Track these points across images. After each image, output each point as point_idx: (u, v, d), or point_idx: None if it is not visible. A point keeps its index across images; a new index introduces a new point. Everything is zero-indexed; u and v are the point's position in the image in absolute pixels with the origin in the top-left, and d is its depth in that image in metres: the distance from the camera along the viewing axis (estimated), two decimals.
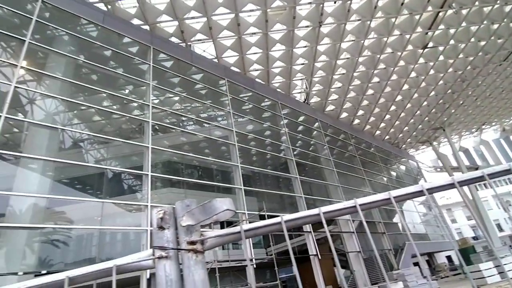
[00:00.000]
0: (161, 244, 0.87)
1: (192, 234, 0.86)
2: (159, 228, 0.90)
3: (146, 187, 11.76)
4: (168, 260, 0.84)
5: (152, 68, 14.99)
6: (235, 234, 0.86)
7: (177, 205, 0.92)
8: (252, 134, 18.92)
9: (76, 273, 0.89)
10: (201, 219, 0.85)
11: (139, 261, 0.88)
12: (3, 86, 10.88)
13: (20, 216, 9.45)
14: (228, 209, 0.83)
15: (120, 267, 0.88)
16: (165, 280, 0.82)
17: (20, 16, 12.46)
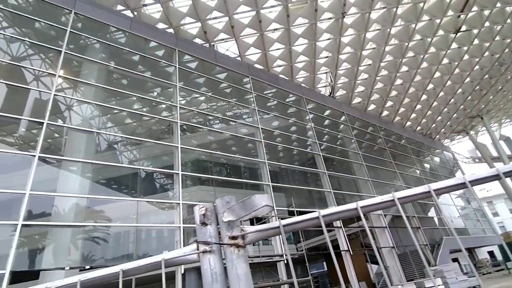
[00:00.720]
0: (204, 239, 0.91)
1: (233, 229, 0.90)
2: (202, 224, 0.94)
3: (177, 186, 12.15)
4: (212, 254, 0.89)
5: (178, 70, 15.39)
6: (274, 229, 0.90)
7: (217, 202, 0.96)
8: (278, 131, 18.89)
9: (129, 266, 0.96)
10: (241, 214, 0.89)
11: (185, 255, 0.94)
12: (44, 95, 11.67)
13: (64, 215, 10.13)
14: (266, 205, 0.85)
15: (168, 261, 0.93)
16: (210, 273, 0.87)
17: (55, 28, 13.26)
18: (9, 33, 12.50)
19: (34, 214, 9.67)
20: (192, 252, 0.92)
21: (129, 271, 0.95)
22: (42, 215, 9.93)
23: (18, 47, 12.60)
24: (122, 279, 0.94)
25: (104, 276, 0.95)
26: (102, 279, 0.97)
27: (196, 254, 0.91)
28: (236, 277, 0.84)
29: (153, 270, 0.98)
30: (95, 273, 0.97)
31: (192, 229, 12.45)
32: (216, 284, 0.85)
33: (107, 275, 0.95)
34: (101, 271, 0.97)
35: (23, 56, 12.77)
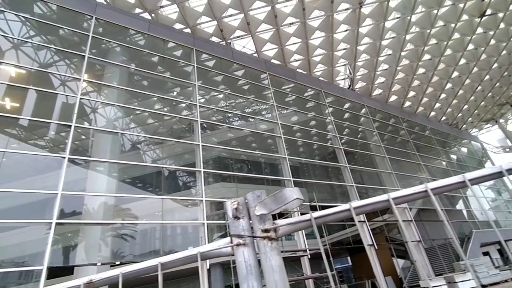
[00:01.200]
0: (237, 232, 0.94)
1: (265, 223, 0.92)
2: (235, 218, 0.97)
3: (200, 183, 12.37)
4: (246, 247, 0.91)
5: (196, 69, 15.59)
6: (305, 222, 0.91)
7: (248, 196, 0.98)
8: (297, 125, 18.78)
9: (167, 259, 1.00)
10: (273, 208, 0.91)
11: (219, 248, 0.96)
12: (70, 99, 12.17)
13: (93, 214, 10.57)
14: (297, 198, 0.87)
15: (204, 254, 0.97)
16: (245, 265, 0.89)
17: (78, 34, 13.77)
18: (36, 41, 13.11)
19: (66, 213, 10.15)
20: (226, 245, 0.95)
21: (167, 264, 0.98)
22: (73, 213, 10.41)
23: (45, 54, 13.19)
24: (157, 272, 0.99)
25: (144, 269, 1.00)
26: (141, 272, 1.01)
27: (230, 247, 0.94)
28: (270, 268, 0.85)
29: (189, 263, 1.01)
30: (136, 266, 1.01)
31: (215, 225, 12.68)
32: (251, 275, 0.87)
33: (146, 267, 0.99)
34: (141, 264, 1.01)
35: (50, 63, 13.37)
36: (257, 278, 0.86)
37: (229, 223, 0.97)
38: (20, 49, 12.60)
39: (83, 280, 1.04)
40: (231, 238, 0.95)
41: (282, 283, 0.84)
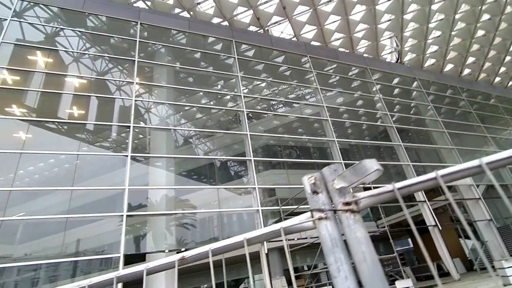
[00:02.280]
0: (318, 206, 0.93)
1: (345, 196, 0.91)
2: (313, 193, 0.96)
3: (251, 171, 12.63)
4: (328, 220, 0.91)
5: (237, 60, 15.77)
6: (387, 193, 0.88)
7: (324, 171, 0.97)
8: (343, 107, 18.14)
9: (252, 235, 1.04)
10: (353, 180, 0.89)
11: (301, 223, 0.98)
12: (126, 102, 13.12)
13: (157, 206, 11.40)
14: (378, 169, 0.85)
15: (286, 229, 0.99)
16: (329, 238, 0.89)
17: (127, 41, 14.70)
18: (92, 52, 14.29)
19: (133, 206, 11.08)
20: (308, 220, 0.95)
21: (252, 239, 1.04)
22: (140, 206, 11.32)
23: (100, 63, 14.34)
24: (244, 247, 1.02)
25: (230, 245, 1.06)
26: (229, 248, 1.07)
27: (312, 222, 0.94)
28: (356, 241, 0.85)
29: (272, 238, 1.05)
30: (223, 242, 1.07)
31: (269, 212, 12.89)
32: (336, 248, 0.87)
33: (233, 243, 1.05)
34: (228, 240, 1.06)
35: (106, 71, 14.50)
36: (343, 250, 0.86)
37: (308, 198, 0.97)
38: (80, 61, 13.85)
39: (176, 256, 1.10)
40: (311, 212, 0.94)
41: (370, 254, 0.83)
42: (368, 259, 0.83)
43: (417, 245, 21.86)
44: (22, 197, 10.14)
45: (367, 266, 0.82)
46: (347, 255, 0.87)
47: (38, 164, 11.52)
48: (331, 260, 0.87)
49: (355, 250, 0.85)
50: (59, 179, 10.85)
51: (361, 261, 0.83)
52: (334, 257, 0.87)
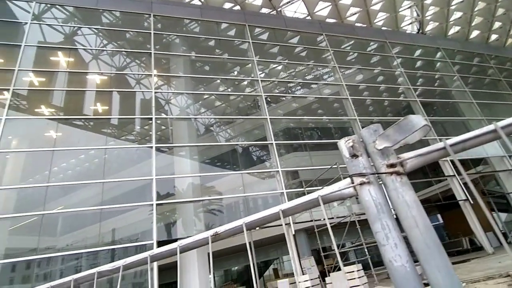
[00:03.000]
0: (358, 171, 0.87)
1: (389, 157, 0.84)
2: (352, 157, 0.89)
3: (273, 155, 12.66)
4: (371, 185, 0.84)
5: (252, 45, 15.58)
6: (438, 151, 0.80)
7: (363, 133, 0.91)
8: (363, 84, 17.62)
9: (288, 205, 0.99)
10: (398, 139, 0.81)
11: (340, 190, 0.91)
12: (147, 95, 13.36)
13: (184, 193, 11.72)
14: (426, 124, 0.77)
15: (325, 197, 0.93)
16: (374, 204, 0.82)
17: (141, 34, 14.83)
18: (109, 48, 14.56)
19: (162, 195, 11.45)
20: (348, 186, 0.88)
21: (287, 210, 0.99)
22: (168, 195, 11.68)
23: (118, 59, 14.61)
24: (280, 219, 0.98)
25: (265, 217, 1.02)
26: (263, 221, 1.03)
27: (352, 188, 0.87)
28: (405, 205, 0.78)
29: (310, 208, 0.99)
30: (258, 215, 1.03)
31: (294, 194, 12.94)
32: (382, 214, 0.80)
33: (268, 215, 1.01)
34: (263, 212, 1.03)
35: (124, 66, 14.77)
36: (390, 216, 0.81)
37: (347, 163, 0.90)
38: (99, 58, 14.17)
39: (209, 232, 1.08)
40: (351, 178, 0.88)
41: (421, 218, 0.76)
42: (420, 224, 0.76)
43: (447, 220, 21.36)
44: (59, 192, 10.72)
45: (419, 232, 0.75)
46: (395, 220, 0.81)
47: (70, 160, 12.07)
48: (377, 227, 0.80)
49: (404, 215, 0.78)
50: (91, 173, 11.33)
51: (412, 227, 0.76)
52: (380, 224, 0.80)
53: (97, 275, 1.23)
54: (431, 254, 0.73)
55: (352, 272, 9.17)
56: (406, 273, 0.75)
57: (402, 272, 0.76)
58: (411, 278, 0.75)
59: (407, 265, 0.76)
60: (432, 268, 0.73)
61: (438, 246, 0.74)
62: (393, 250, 0.78)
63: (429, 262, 0.73)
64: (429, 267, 0.73)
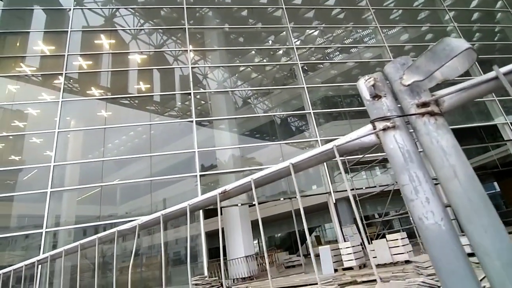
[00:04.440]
0: (381, 114, 0.72)
1: (420, 95, 0.69)
2: (374, 98, 0.75)
3: (312, 124, 12.49)
4: (397, 130, 0.70)
5: (285, 11, 14.97)
6: (488, 83, 0.63)
7: (388, 68, 0.74)
8: (409, 44, 16.26)
9: (299, 159, 0.90)
10: (431, 69, 0.63)
11: (358, 138, 0.78)
12: (185, 71, 13.67)
13: (226, 165, 12.15)
14: (468, 47, 0.59)
15: (341, 147, 0.82)
16: (400, 152, 0.68)
17: (175, 10, 14.92)
18: (146, 27, 14.93)
19: (205, 167, 11.99)
20: (369, 133, 0.75)
21: (300, 164, 0.90)
22: (211, 167, 12.21)
23: (156, 37, 14.96)
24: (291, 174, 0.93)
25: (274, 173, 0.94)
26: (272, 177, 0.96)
27: (374, 135, 0.74)
28: (441, 151, 0.63)
29: (325, 161, 0.89)
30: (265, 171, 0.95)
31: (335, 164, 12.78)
32: (411, 164, 0.66)
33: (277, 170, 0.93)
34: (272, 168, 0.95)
35: (161, 44, 15.13)
36: (421, 165, 0.66)
37: (368, 106, 0.76)
38: (138, 38, 14.64)
39: (218, 190, 1.01)
40: (373, 124, 0.74)
41: (462, 167, 0.61)
42: (460, 174, 0.61)
43: (505, 188, 19.79)
44: (114, 166, 11.74)
45: (459, 183, 0.61)
46: (426, 171, 0.67)
47: (122, 137, 13.02)
48: (404, 179, 0.67)
49: (440, 164, 0.64)
50: (140, 148, 12.15)
51: (449, 178, 0.62)
52: (408, 175, 0.66)
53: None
54: (475, 210, 0.59)
55: (395, 240, 9.05)
56: (441, 232, 0.61)
57: (435, 232, 0.62)
58: (447, 238, 0.60)
59: (441, 223, 0.62)
60: (476, 229, 0.59)
61: (484, 200, 0.59)
62: (423, 206, 0.65)
63: (473, 220, 0.59)
64: (472, 227, 0.59)
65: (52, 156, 11.11)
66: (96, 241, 1.38)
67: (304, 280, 8.40)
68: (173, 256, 11.95)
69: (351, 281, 7.45)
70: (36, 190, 10.84)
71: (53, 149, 11.23)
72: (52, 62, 13.12)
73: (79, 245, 1.42)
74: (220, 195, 1.00)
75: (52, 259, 1.56)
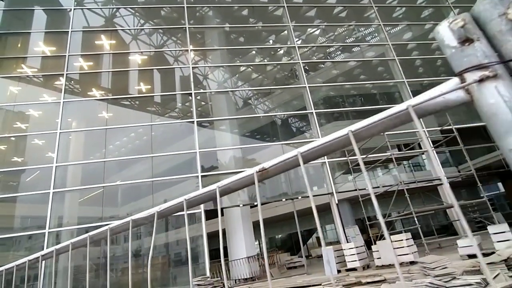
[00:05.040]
0: (475, 63, 0.55)
1: None
2: (464, 42, 0.57)
3: (313, 124, 12.40)
4: (499, 80, 0.53)
5: (287, 9, 14.84)
6: None
7: (480, 6, 0.56)
8: (412, 42, 16.07)
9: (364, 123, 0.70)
10: None
11: (441, 94, 0.59)
12: (185, 71, 13.60)
13: (227, 166, 12.09)
14: None
15: (418, 107, 0.62)
16: (506, 106, 0.51)
17: (176, 9, 14.84)
18: (147, 27, 14.87)
19: (206, 167, 11.94)
20: (457, 87, 0.56)
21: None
22: (211, 168, 12.15)
23: (156, 38, 14.90)
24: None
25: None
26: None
27: (462, 90, 0.55)
28: None
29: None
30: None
31: (336, 164, 12.69)
32: None
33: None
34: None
35: (161, 44, 15.06)
36: None
37: (453, 55, 0.56)
38: (138, 39, 14.58)
39: (255, 168, 0.86)
40: (461, 76, 0.56)
41: None
42: None
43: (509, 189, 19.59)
44: (115, 167, 11.71)
45: None
46: None
47: (123, 138, 13.01)
48: (508, 143, 0.51)
49: None
50: (142, 149, 12.11)
51: None
52: None
53: (132, 223, 1.19)
54: None
55: (400, 241, 8.97)
56: None
57: None
58: None
59: None
60: None
61: None
62: None
63: None
64: None
65: (54, 157, 11.10)
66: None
67: (307, 281, 8.35)
68: (174, 257, 11.94)
69: (356, 282, 7.38)
70: (38, 191, 10.86)
71: (55, 150, 11.23)
72: (53, 63, 13.10)
73: (88, 237, 1.35)
74: (257, 173, 0.83)
75: (58, 253, 1.50)
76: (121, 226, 1.30)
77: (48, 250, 1.47)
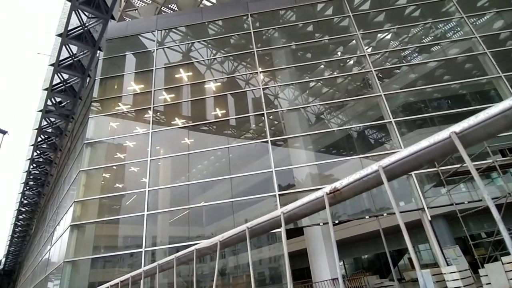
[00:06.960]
0: None
1: None
2: None
3: (394, 134, 11.54)
4: None
5: (353, 18, 14.43)
6: None
7: None
8: (505, 31, 13.99)
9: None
10: None
11: None
12: (256, 93, 14.10)
13: (303, 183, 11.94)
14: None
15: None
16: None
17: (243, 36, 15.65)
18: (218, 56, 15.97)
19: (283, 186, 11.97)
20: None
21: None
22: (288, 186, 12.14)
23: (227, 64, 15.89)
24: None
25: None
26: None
27: None
28: None
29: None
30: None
31: (424, 175, 11.50)
32: None
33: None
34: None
35: (233, 70, 15.98)
36: None
37: None
38: (212, 68, 15.74)
39: (324, 190, 0.80)
40: None
41: None
42: None
43: None
44: (198, 189, 12.57)
45: None
46: None
47: (203, 162, 13.96)
48: None
49: None
50: (221, 171, 12.79)
51: None
52: None
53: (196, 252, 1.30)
54: None
55: None
56: None
57: None
58: None
59: None
60: None
61: None
62: None
63: None
64: None
65: (147, 182, 12.44)
66: (174, 261, 1.43)
67: None
68: (258, 276, 12.08)
69: None
70: (135, 213, 12.24)
71: (147, 176, 12.59)
72: (142, 98, 14.92)
73: (175, 258, 1.48)
74: (328, 195, 0.76)
75: (147, 275, 1.67)
76: (185, 255, 1.34)
77: (137, 271, 1.62)
